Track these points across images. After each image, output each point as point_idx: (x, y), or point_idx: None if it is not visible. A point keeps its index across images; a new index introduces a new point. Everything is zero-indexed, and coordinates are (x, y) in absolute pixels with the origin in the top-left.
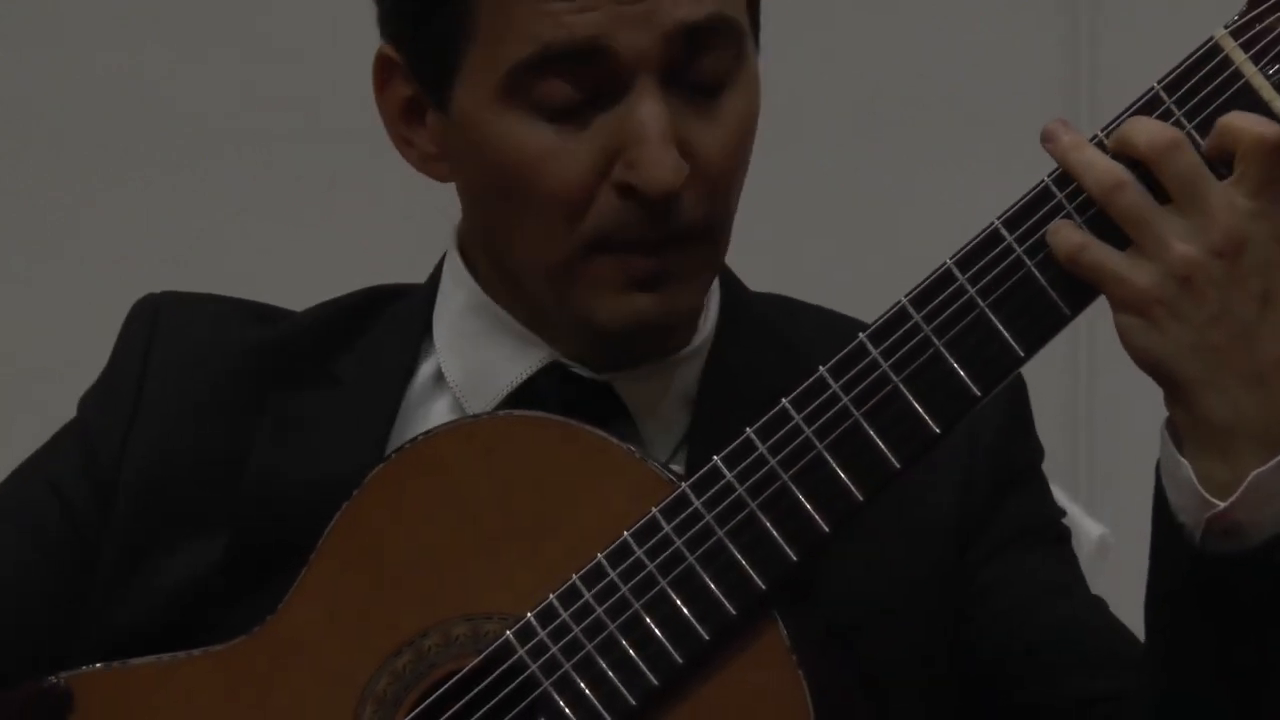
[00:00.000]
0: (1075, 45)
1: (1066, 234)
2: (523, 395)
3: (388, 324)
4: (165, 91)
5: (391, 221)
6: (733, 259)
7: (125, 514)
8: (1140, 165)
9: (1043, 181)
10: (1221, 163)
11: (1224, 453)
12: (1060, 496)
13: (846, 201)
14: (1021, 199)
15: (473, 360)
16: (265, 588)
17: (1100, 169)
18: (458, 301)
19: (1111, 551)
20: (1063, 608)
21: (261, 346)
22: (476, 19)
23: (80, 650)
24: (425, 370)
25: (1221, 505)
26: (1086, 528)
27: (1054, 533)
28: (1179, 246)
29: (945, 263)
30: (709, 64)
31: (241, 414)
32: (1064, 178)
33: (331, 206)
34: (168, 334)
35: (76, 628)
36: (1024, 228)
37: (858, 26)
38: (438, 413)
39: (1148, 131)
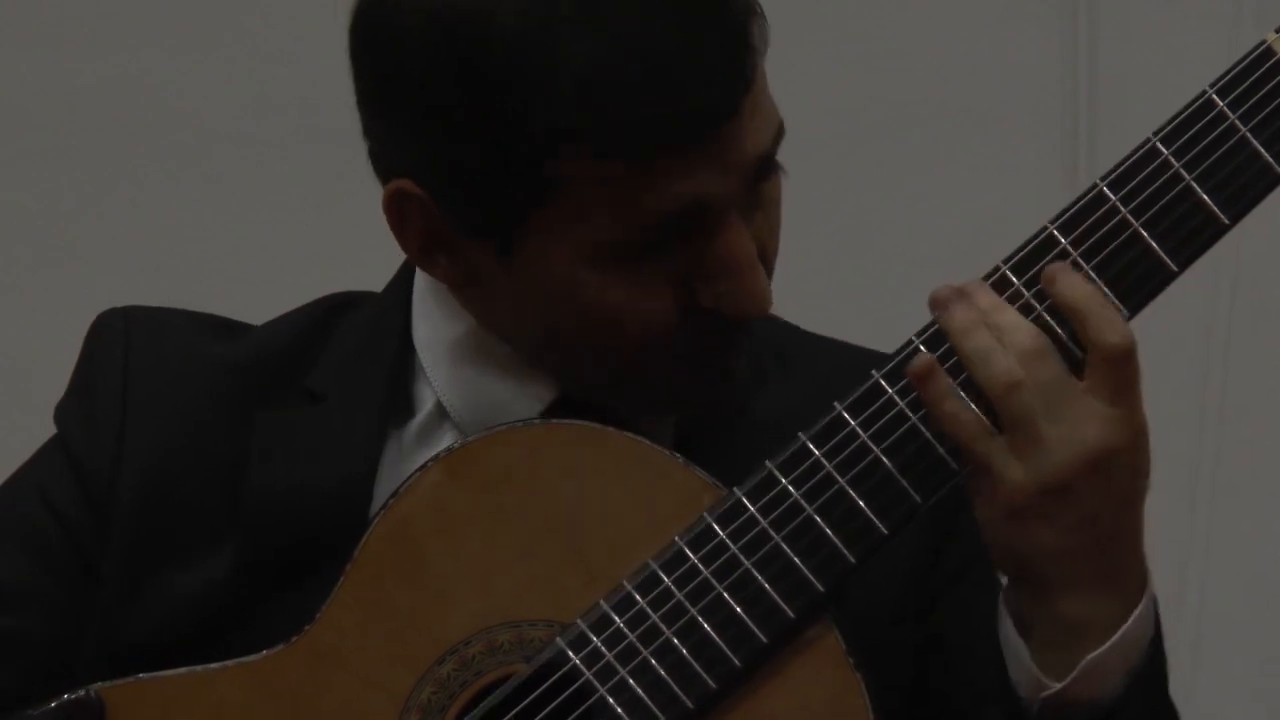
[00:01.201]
0: (1075, 45)
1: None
2: None
3: (362, 338)
4: (165, 92)
5: None
6: None
7: (125, 530)
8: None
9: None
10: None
11: (1068, 644)
12: None
13: (846, 203)
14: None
15: (479, 397)
16: (277, 602)
17: (999, 367)
18: (452, 333)
19: None
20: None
21: (236, 365)
22: (558, 190)
23: (86, 669)
24: (423, 401)
25: (1056, 687)
26: None
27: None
28: (1056, 457)
29: (999, 266)
30: (768, 170)
31: (234, 430)
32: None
33: (331, 206)
34: (142, 347)
35: (80, 644)
36: (1077, 231)
37: (857, 27)
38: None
39: (1025, 332)
